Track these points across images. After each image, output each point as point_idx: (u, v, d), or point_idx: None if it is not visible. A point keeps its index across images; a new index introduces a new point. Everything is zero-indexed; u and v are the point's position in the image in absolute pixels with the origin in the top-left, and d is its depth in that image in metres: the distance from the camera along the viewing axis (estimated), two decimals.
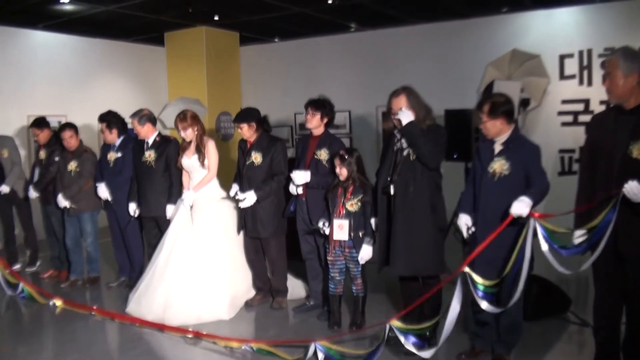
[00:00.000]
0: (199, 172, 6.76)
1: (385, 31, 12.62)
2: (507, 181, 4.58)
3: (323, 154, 6.21)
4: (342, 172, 5.73)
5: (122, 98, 12.61)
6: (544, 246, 4.16)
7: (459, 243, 4.86)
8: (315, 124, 6.32)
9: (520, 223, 4.41)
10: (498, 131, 4.69)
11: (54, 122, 9.36)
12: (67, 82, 12.17)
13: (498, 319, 4.81)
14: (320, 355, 5.02)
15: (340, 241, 5.78)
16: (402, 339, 4.72)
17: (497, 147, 4.71)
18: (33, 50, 11.62)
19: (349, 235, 5.70)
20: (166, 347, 5.88)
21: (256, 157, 6.51)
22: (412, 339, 4.74)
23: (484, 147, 4.82)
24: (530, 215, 4.26)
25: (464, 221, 4.89)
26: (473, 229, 4.83)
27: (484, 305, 4.38)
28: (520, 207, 4.27)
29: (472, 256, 4.48)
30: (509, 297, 4.39)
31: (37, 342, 6.09)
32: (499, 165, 4.61)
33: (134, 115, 7.27)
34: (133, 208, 7.34)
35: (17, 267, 8.88)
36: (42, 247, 9.00)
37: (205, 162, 6.70)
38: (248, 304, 6.83)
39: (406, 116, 5.05)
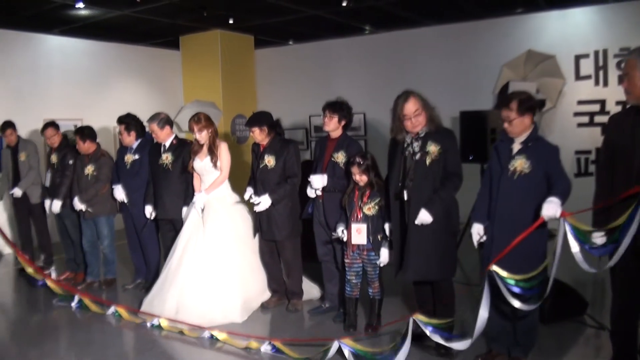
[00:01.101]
0: (211, 174, 6.76)
1: (400, 33, 12.62)
2: (527, 180, 4.53)
3: (340, 157, 6.21)
4: (362, 178, 5.70)
5: (138, 101, 12.65)
6: (575, 247, 4.11)
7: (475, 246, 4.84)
8: (333, 126, 6.32)
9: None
10: (524, 128, 4.61)
11: (70, 126, 9.42)
12: (83, 86, 12.24)
13: (515, 322, 4.79)
14: (347, 353, 5.05)
15: (358, 244, 5.76)
16: (427, 331, 4.72)
17: (516, 147, 4.65)
18: (49, 55, 11.71)
19: (368, 239, 5.68)
20: (182, 349, 5.89)
21: (269, 161, 6.51)
22: (439, 332, 4.73)
23: (502, 147, 4.75)
24: (561, 215, 4.21)
25: (476, 230, 4.88)
26: (484, 237, 4.82)
27: (517, 304, 4.31)
28: (552, 208, 4.23)
29: (499, 257, 4.42)
30: (539, 296, 4.36)
31: (51, 345, 6.12)
32: (520, 164, 4.56)
33: (152, 118, 7.26)
34: (149, 210, 7.37)
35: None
36: (56, 249, 9.05)
37: (218, 163, 6.70)
38: (264, 306, 6.84)
39: (425, 216, 4.98)
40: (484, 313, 4.38)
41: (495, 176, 4.76)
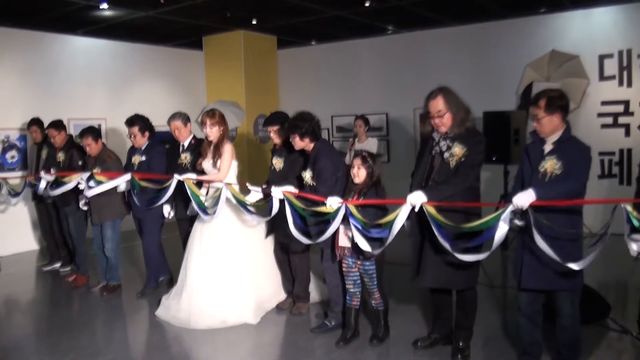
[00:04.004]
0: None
1: (423, 33, 12.61)
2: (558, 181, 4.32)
3: (307, 175, 6.05)
4: (359, 173, 5.41)
5: (161, 102, 12.78)
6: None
7: (498, 249, 4.69)
8: (302, 145, 6.08)
9: (574, 214, 4.29)
10: (554, 128, 4.41)
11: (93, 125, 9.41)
12: (107, 86, 12.37)
13: (557, 333, 4.65)
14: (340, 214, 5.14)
15: (348, 251, 5.53)
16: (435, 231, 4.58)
17: (548, 147, 4.45)
18: (73, 56, 11.83)
19: (353, 242, 5.35)
20: (200, 346, 5.93)
21: (277, 163, 6.49)
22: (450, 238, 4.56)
23: (533, 147, 4.57)
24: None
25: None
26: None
27: (539, 240, 4.09)
28: (522, 199, 4.13)
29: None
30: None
31: (73, 340, 6.16)
32: (550, 165, 4.35)
33: (176, 117, 7.23)
34: (167, 210, 7.36)
35: (57, 265, 9.13)
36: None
37: (218, 163, 6.58)
38: (279, 307, 6.80)
39: (417, 198, 4.71)
40: (504, 226, 4.24)
41: (526, 178, 4.53)
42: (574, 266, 4.04)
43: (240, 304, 6.41)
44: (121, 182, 7.10)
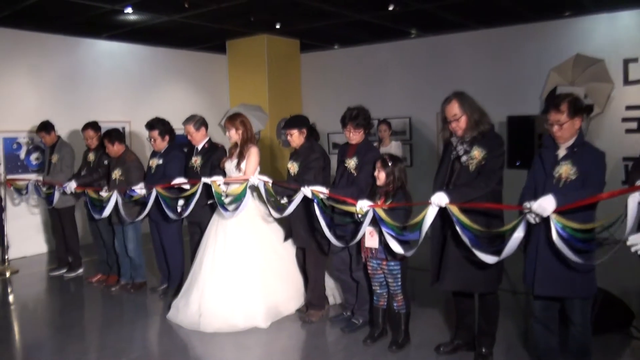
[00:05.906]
0: (235, 176, 6.67)
1: (446, 37, 12.57)
2: (574, 187, 4.28)
3: (352, 163, 6.03)
4: (380, 175, 5.45)
5: (185, 105, 12.80)
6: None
7: (520, 252, 4.65)
8: (358, 137, 6.08)
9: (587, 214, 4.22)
10: (574, 132, 4.39)
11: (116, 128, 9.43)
12: (131, 89, 12.46)
13: (567, 341, 4.63)
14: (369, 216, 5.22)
15: (375, 252, 5.54)
16: (458, 228, 4.63)
17: (562, 152, 4.43)
18: (98, 59, 11.93)
19: (380, 242, 5.43)
20: (217, 349, 5.93)
21: (291, 167, 6.42)
22: (472, 236, 4.60)
23: (547, 153, 4.53)
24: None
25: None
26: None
27: (575, 257, 4.06)
28: (544, 206, 4.11)
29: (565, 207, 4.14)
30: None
31: (96, 339, 6.27)
32: (565, 170, 4.33)
33: (189, 120, 7.27)
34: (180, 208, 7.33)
35: (80, 271, 9.10)
36: (88, 251, 9.12)
37: (242, 166, 6.60)
38: (301, 311, 6.77)
39: (440, 198, 4.73)
40: (518, 234, 4.29)
41: (539, 184, 4.51)
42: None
43: (249, 308, 6.37)
44: (151, 201, 7.25)
